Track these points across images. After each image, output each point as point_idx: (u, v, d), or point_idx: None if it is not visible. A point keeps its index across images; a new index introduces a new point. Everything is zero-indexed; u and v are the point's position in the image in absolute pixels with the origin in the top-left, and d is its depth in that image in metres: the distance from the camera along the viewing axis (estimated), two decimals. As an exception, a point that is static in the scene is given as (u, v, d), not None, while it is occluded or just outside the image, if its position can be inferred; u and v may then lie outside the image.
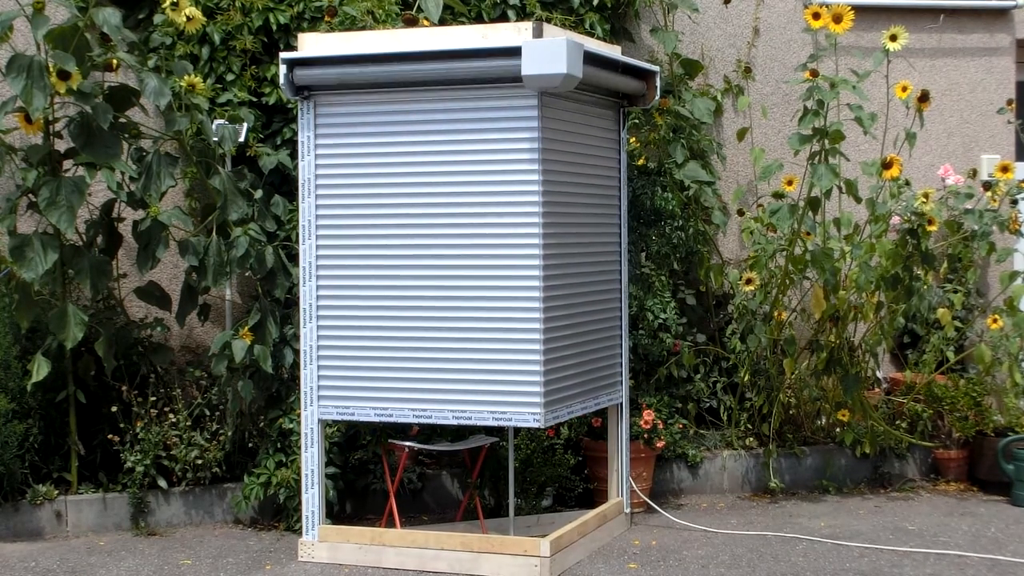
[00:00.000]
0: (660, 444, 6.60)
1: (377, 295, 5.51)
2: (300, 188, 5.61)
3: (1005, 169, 6.90)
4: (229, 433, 6.30)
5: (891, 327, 7.03)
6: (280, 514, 6.27)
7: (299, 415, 5.94)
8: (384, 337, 5.50)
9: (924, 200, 6.48)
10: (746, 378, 7.02)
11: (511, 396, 5.31)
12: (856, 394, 6.78)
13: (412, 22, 5.95)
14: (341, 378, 5.56)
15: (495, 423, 5.36)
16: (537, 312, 5.26)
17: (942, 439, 7.15)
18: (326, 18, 6.30)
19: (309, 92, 5.56)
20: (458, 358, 5.39)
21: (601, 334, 5.87)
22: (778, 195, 6.96)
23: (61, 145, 6.03)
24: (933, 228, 6.56)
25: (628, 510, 6.21)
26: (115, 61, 5.96)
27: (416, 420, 5.47)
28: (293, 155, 6.49)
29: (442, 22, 6.29)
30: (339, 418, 5.62)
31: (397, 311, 5.48)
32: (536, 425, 5.28)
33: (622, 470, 6.18)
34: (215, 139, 6.07)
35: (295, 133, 6.49)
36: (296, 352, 6.18)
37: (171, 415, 6.23)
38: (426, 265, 5.43)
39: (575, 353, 5.60)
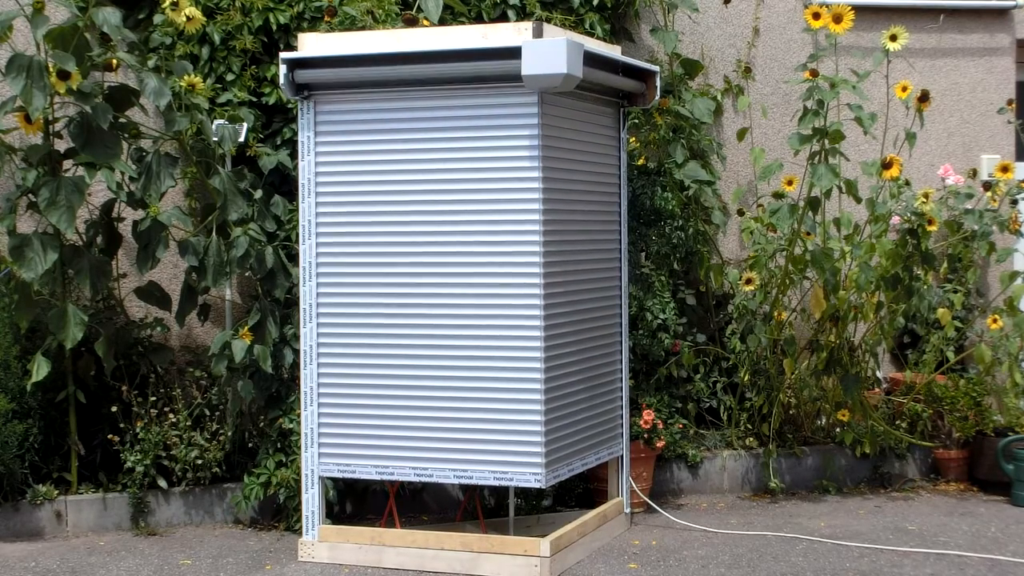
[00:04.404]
0: (660, 444, 6.60)
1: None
2: (300, 188, 5.61)
3: (1005, 169, 6.90)
4: (229, 433, 6.30)
5: (891, 327, 7.03)
6: (280, 514, 6.27)
7: (299, 415, 5.94)
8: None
9: (924, 200, 6.48)
10: (746, 378, 7.02)
11: (512, 456, 5.30)
12: (856, 394, 6.78)
13: (412, 22, 5.95)
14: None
15: (496, 483, 5.37)
16: (538, 362, 5.25)
17: (942, 439, 7.15)
18: (326, 18, 6.30)
19: (309, 92, 5.56)
20: (458, 408, 5.39)
21: (602, 380, 5.86)
22: (778, 195, 6.97)
23: (61, 145, 6.02)
24: (933, 228, 6.56)
25: (628, 510, 6.21)
26: (115, 61, 5.95)
27: (417, 479, 5.48)
28: (293, 155, 6.49)
29: (442, 22, 6.29)
30: (340, 475, 5.60)
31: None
32: (537, 486, 5.28)
33: (622, 470, 6.18)
34: (215, 139, 6.07)
35: (295, 133, 6.49)
36: (296, 352, 6.18)
37: (171, 415, 6.23)
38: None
39: (576, 411, 5.60)
